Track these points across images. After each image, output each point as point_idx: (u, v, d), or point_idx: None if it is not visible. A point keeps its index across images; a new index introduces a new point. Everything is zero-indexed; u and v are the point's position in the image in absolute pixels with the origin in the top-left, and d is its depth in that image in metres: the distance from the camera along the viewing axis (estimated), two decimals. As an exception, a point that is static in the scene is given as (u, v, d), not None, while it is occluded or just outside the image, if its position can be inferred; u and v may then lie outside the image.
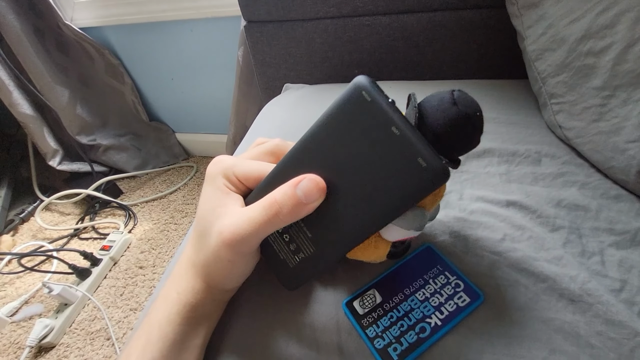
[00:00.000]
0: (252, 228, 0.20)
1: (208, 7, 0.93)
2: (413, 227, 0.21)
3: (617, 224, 0.29)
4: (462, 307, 0.24)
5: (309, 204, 0.19)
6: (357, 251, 0.23)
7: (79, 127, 1.15)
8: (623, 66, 0.34)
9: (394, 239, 0.23)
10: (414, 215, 0.21)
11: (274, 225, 0.20)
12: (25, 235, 1.10)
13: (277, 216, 0.19)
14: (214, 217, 0.21)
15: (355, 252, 0.23)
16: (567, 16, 0.41)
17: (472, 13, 0.59)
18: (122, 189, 1.24)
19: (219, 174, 0.22)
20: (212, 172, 0.23)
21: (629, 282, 0.25)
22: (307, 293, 0.26)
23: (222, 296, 0.25)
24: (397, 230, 0.21)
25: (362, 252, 0.23)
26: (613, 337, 0.21)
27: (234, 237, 0.20)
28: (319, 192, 0.19)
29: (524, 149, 0.38)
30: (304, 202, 0.19)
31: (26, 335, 0.80)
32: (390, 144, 0.17)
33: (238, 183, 0.23)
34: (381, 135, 0.17)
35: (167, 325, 0.22)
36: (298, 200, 0.19)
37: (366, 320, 0.24)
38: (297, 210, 0.19)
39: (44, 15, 1.02)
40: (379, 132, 0.17)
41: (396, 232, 0.22)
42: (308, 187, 0.19)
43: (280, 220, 0.20)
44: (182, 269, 0.24)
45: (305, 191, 0.19)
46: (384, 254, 0.24)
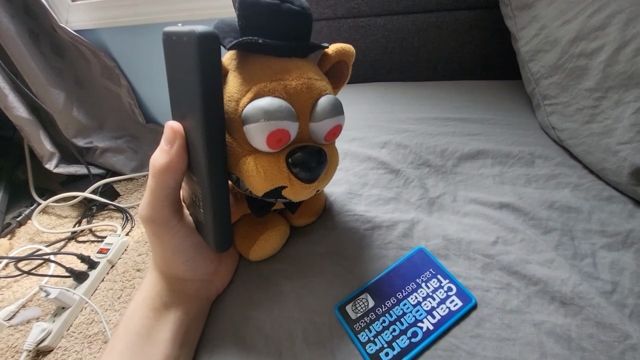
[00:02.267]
0: (148, 192, 0.21)
1: (203, 8, 0.93)
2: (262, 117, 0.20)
3: (609, 225, 0.29)
4: (454, 311, 0.24)
5: (173, 147, 0.20)
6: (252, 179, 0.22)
7: (75, 130, 1.15)
8: (614, 68, 0.34)
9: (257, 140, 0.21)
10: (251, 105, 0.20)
11: (161, 180, 0.21)
12: (22, 239, 1.09)
13: (156, 170, 0.20)
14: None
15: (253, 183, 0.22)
16: (560, 17, 0.41)
17: (467, 14, 0.59)
18: (119, 192, 1.23)
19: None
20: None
21: (620, 284, 0.25)
22: (299, 298, 0.26)
23: (181, 285, 0.25)
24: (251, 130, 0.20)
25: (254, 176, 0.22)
26: (604, 340, 0.22)
27: (142, 209, 0.21)
28: (174, 132, 0.20)
29: (517, 150, 0.39)
30: (168, 147, 0.20)
31: (24, 339, 0.79)
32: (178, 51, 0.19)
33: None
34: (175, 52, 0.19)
35: (131, 319, 0.23)
36: (164, 147, 0.20)
37: (358, 325, 0.24)
38: (168, 157, 0.20)
39: (39, 18, 1.01)
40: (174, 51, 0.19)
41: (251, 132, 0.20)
42: (165, 132, 0.21)
43: (161, 172, 0.20)
44: (148, 270, 0.25)
45: (165, 137, 0.21)
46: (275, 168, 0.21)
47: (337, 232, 0.31)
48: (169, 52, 0.20)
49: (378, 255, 0.28)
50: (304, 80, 0.22)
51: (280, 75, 0.21)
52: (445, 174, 0.37)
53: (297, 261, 0.29)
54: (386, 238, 0.30)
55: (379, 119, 0.47)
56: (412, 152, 0.40)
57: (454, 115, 0.46)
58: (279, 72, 0.21)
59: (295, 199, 0.24)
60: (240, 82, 0.21)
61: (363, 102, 0.54)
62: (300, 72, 0.22)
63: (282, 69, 0.21)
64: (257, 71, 0.21)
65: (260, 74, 0.21)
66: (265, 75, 0.21)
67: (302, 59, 0.23)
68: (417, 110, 0.49)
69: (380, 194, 0.34)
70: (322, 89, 0.23)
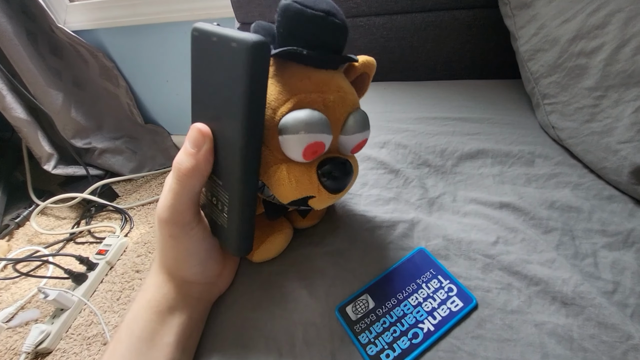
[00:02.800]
0: (171, 194, 0.21)
1: (202, 8, 0.93)
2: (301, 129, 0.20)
3: (610, 225, 0.29)
4: (455, 311, 0.24)
5: (200, 151, 0.20)
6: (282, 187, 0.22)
7: (73, 131, 1.15)
8: (614, 66, 0.34)
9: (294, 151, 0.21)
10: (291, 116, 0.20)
11: (186, 183, 0.20)
12: (21, 240, 1.09)
13: (181, 173, 0.20)
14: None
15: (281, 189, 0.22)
16: (559, 16, 0.41)
17: (466, 13, 0.59)
18: (118, 192, 1.23)
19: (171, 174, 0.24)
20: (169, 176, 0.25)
21: (622, 284, 0.25)
22: (299, 299, 0.26)
23: (188, 289, 0.24)
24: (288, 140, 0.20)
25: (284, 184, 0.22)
26: (606, 341, 0.21)
27: (162, 211, 0.21)
28: (202, 135, 0.20)
29: (517, 150, 0.38)
30: (195, 150, 0.20)
31: (22, 341, 0.79)
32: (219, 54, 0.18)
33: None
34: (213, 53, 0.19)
35: (134, 322, 0.22)
36: (190, 150, 0.20)
37: (359, 326, 0.24)
38: (194, 161, 0.20)
39: (37, 19, 1.01)
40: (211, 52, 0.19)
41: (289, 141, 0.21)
42: (192, 135, 0.20)
43: (187, 176, 0.20)
44: (151, 269, 0.25)
45: (192, 140, 0.20)
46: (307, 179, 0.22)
47: (337, 232, 0.30)
48: (201, 51, 0.20)
49: (378, 255, 0.28)
50: (340, 94, 0.22)
51: (319, 87, 0.21)
52: (445, 173, 0.37)
53: (297, 262, 0.28)
54: (386, 238, 0.29)
55: (378, 118, 0.47)
56: (412, 152, 0.40)
57: (453, 115, 0.46)
58: (318, 84, 0.21)
59: (318, 208, 0.24)
60: (278, 90, 0.21)
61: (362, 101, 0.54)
62: (337, 85, 0.22)
63: (320, 81, 0.22)
64: (297, 81, 0.21)
65: (299, 85, 0.21)
66: (305, 86, 0.21)
67: (335, 70, 0.23)
68: (416, 110, 0.49)
69: (379, 194, 0.34)
70: (354, 103, 0.24)
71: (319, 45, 0.21)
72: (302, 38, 0.20)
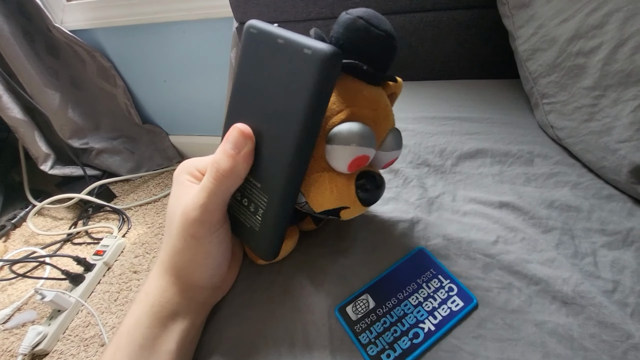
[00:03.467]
0: (205, 193, 0.20)
1: (200, 8, 0.93)
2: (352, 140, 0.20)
3: (609, 224, 0.29)
4: (456, 311, 0.23)
5: (241, 152, 0.20)
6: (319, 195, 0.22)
7: (70, 131, 1.14)
8: (613, 66, 0.34)
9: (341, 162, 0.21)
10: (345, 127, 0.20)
11: (222, 184, 0.20)
12: (17, 241, 1.08)
13: (219, 173, 0.20)
14: (177, 206, 0.21)
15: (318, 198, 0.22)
16: (557, 16, 0.41)
17: (464, 13, 0.59)
18: (116, 193, 1.22)
19: (181, 172, 0.23)
20: (176, 173, 0.23)
21: (622, 283, 0.25)
22: (299, 298, 0.26)
23: (194, 293, 0.23)
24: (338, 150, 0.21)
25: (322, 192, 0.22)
26: (606, 340, 0.21)
27: (192, 210, 0.20)
28: (244, 137, 0.20)
29: (516, 149, 0.39)
30: (235, 151, 0.20)
31: (19, 342, 0.79)
32: (282, 57, 0.18)
33: (201, 176, 0.23)
34: (274, 55, 0.18)
35: (135, 328, 0.21)
36: (230, 151, 0.20)
37: (359, 326, 0.23)
38: (233, 162, 0.20)
39: (34, 18, 1.00)
40: (271, 53, 0.19)
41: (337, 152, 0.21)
42: (234, 135, 0.20)
43: (225, 176, 0.20)
44: (152, 273, 0.23)
45: (232, 141, 0.20)
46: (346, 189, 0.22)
47: (337, 232, 0.30)
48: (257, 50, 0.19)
49: (378, 255, 0.28)
50: (386, 111, 0.23)
51: (371, 103, 0.22)
52: (445, 173, 0.37)
53: (297, 261, 0.28)
54: (386, 238, 0.29)
55: (377, 118, 0.47)
56: (411, 152, 0.40)
57: (452, 115, 0.46)
58: (370, 100, 0.22)
59: (347, 218, 0.24)
60: (332, 100, 0.21)
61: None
62: (385, 103, 0.23)
63: (372, 97, 0.22)
64: (351, 94, 0.21)
65: (353, 98, 0.21)
66: (359, 100, 0.21)
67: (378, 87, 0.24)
68: (415, 110, 0.49)
69: (379, 193, 0.34)
70: (393, 121, 0.25)
71: (374, 62, 0.22)
72: (361, 54, 0.21)
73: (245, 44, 0.20)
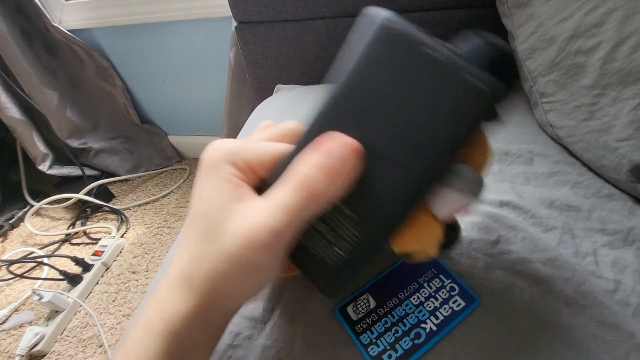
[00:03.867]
0: (289, 217, 0.16)
1: (199, 8, 0.92)
2: (469, 190, 0.17)
3: (610, 223, 0.29)
4: (458, 311, 0.23)
5: (346, 173, 0.16)
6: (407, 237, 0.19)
7: (69, 131, 1.13)
8: (612, 65, 0.34)
9: (448, 210, 0.18)
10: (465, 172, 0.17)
11: (312, 207, 0.16)
12: (15, 242, 1.08)
13: (314, 195, 0.16)
14: (226, 215, 0.16)
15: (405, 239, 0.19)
16: (556, 15, 0.41)
17: (463, 12, 0.59)
18: (114, 193, 1.22)
19: (222, 161, 0.17)
20: (214, 160, 0.18)
21: (623, 283, 0.25)
22: (298, 299, 0.26)
23: (219, 319, 0.18)
24: (450, 197, 0.17)
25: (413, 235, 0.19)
26: (608, 340, 0.21)
27: (263, 231, 0.15)
28: (353, 154, 0.16)
29: (516, 149, 0.38)
30: (339, 169, 0.16)
31: (16, 343, 0.78)
32: (431, 75, 0.15)
33: (248, 171, 0.18)
34: (419, 69, 0.15)
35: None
36: (333, 169, 0.16)
37: (360, 326, 0.23)
38: (333, 184, 0.16)
39: (32, 18, 1.00)
40: (416, 66, 0.15)
41: (449, 199, 0.18)
42: (341, 151, 0.16)
43: (319, 200, 0.16)
44: (169, 285, 0.17)
45: (338, 157, 0.16)
46: (437, 236, 0.19)
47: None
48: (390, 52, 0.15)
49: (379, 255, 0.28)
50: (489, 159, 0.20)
51: (487, 149, 0.19)
52: (445, 172, 0.37)
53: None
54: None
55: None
56: (411, 151, 0.40)
57: (452, 114, 0.46)
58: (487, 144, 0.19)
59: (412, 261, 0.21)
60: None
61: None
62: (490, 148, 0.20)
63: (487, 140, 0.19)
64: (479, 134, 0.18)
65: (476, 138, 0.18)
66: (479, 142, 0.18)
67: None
68: (415, 109, 0.49)
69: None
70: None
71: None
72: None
73: (376, 41, 0.16)
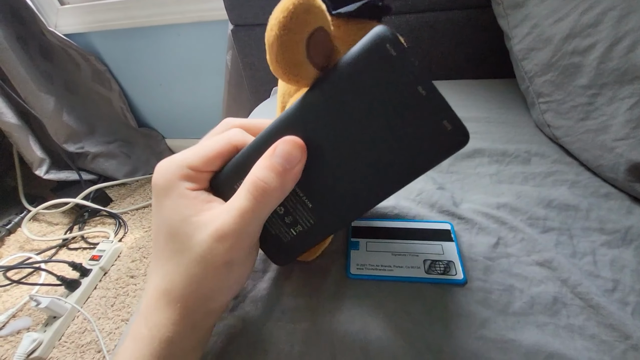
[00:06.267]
0: (245, 220, 0.17)
1: (194, 11, 0.92)
2: None
3: (608, 223, 0.29)
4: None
5: (293, 168, 0.18)
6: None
7: (65, 135, 1.13)
8: (608, 64, 0.34)
9: None
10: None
11: (267, 204, 0.18)
12: (12, 247, 1.07)
13: (267, 195, 0.17)
14: (192, 229, 0.18)
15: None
16: (552, 16, 0.41)
17: (460, 13, 0.59)
18: (112, 197, 1.21)
19: (173, 179, 0.19)
20: (166, 181, 0.19)
21: (622, 282, 0.25)
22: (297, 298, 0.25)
23: (204, 321, 0.20)
24: None
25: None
26: (605, 340, 0.21)
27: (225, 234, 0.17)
28: (298, 150, 0.18)
29: (513, 149, 0.38)
30: (286, 167, 0.17)
31: (14, 350, 0.77)
32: (413, 105, 0.16)
33: (199, 175, 0.19)
34: (403, 95, 0.16)
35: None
36: (278, 168, 0.17)
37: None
38: (284, 181, 0.18)
39: (27, 22, 0.99)
40: (401, 90, 0.16)
41: None
42: (285, 150, 0.17)
43: (272, 198, 0.18)
44: (151, 301, 0.19)
45: (283, 155, 0.17)
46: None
47: (336, 233, 0.30)
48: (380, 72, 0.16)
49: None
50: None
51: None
52: (442, 173, 0.37)
53: (296, 261, 0.28)
54: (384, 240, 0.29)
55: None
56: (408, 152, 0.39)
57: (449, 115, 0.46)
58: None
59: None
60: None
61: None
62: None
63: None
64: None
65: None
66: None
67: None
68: (412, 110, 0.49)
69: (377, 195, 0.34)
70: None
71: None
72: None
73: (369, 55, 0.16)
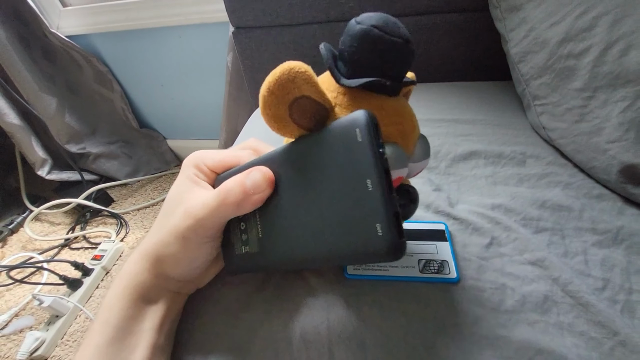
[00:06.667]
0: (205, 211, 0.20)
1: (196, 13, 0.93)
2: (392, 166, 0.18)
3: (600, 223, 0.30)
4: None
5: (255, 195, 0.20)
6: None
7: (67, 136, 1.14)
8: (602, 68, 0.35)
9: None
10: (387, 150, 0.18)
11: (224, 212, 0.21)
12: (15, 247, 1.08)
13: (225, 203, 0.20)
14: (179, 201, 0.22)
15: None
16: (548, 19, 0.41)
17: (458, 17, 0.60)
18: (113, 197, 1.22)
19: (189, 164, 0.24)
20: (185, 163, 0.24)
21: (611, 281, 0.25)
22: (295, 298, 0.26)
23: (166, 283, 0.24)
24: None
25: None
26: (594, 337, 0.22)
27: (190, 216, 0.21)
28: (265, 183, 0.20)
29: (509, 151, 0.39)
30: (250, 191, 0.20)
31: (17, 349, 0.78)
32: (357, 194, 0.16)
33: (208, 172, 0.24)
34: (353, 180, 0.16)
35: (109, 310, 0.22)
36: (245, 188, 0.20)
37: None
38: (243, 199, 0.20)
39: (29, 24, 1.00)
40: (353, 175, 0.17)
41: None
42: (256, 177, 0.20)
43: (228, 207, 0.20)
44: (132, 255, 0.24)
45: (253, 180, 0.20)
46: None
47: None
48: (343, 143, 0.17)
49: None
50: (412, 121, 0.22)
51: (395, 118, 0.20)
52: (439, 175, 0.38)
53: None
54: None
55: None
56: (406, 154, 0.40)
57: (446, 117, 0.47)
58: (393, 114, 0.20)
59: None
60: None
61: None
62: (409, 112, 0.22)
63: (394, 111, 0.20)
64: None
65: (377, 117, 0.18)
66: (382, 118, 0.19)
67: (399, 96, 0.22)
68: (410, 112, 0.49)
69: (374, 195, 0.34)
70: (419, 129, 0.23)
71: (393, 71, 0.20)
72: (379, 66, 0.19)
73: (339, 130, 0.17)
